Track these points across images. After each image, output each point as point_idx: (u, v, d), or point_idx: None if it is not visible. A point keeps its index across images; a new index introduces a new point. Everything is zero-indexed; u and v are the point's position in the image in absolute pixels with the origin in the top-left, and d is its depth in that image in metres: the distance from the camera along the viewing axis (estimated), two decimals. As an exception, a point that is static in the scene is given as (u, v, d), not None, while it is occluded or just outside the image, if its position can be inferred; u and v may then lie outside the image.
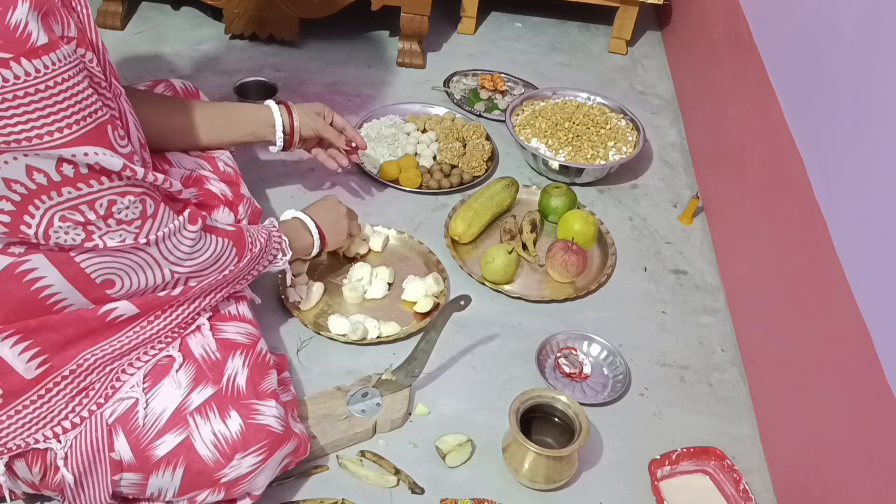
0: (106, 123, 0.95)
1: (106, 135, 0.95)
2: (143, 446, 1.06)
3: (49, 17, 0.88)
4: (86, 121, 0.92)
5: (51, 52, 0.87)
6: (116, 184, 0.98)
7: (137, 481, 1.08)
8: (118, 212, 0.99)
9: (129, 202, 1.00)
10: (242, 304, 1.28)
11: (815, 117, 1.32)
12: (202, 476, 1.08)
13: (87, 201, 0.96)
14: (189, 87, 1.49)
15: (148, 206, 1.03)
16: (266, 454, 1.10)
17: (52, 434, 1.06)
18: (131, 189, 1.00)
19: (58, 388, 1.06)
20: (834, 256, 1.18)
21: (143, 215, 1.02)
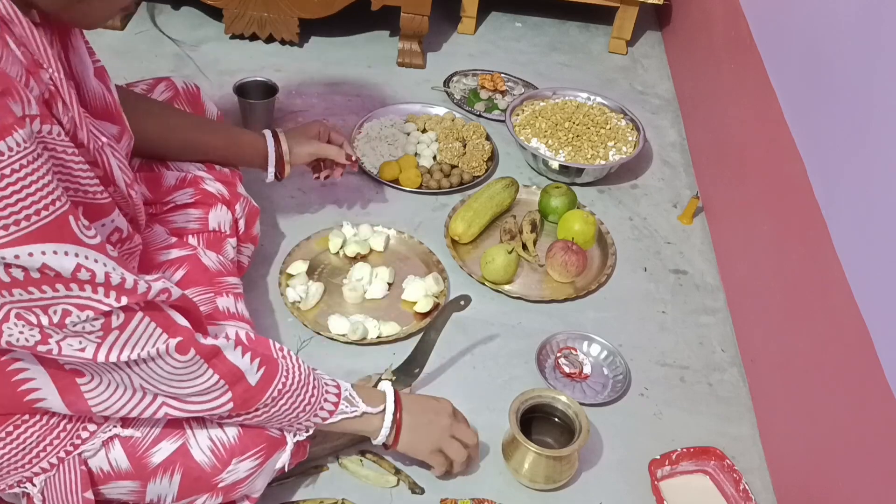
0: (66, 214, 0.85)
1: (67, 226, 0.85)
2: (140, 454, 1.06)
3: (5, 97, 0.80)
4: (39, 215, 0.83)
5: (2, 139, 0.79)
6: (74, 293, 0.87)
7: (136, 489, 1.07)
8: (72, 324, 0.88)
9: (86, 317, 0.88)
10: (240, 301, 1.27)
11: (815, 117, 1.32)
12: (200, 482, 1.08)
13: (40, 306, 0.87)
14: (190, 85, 1.48)
15: (114, 318, 0.90)
16: (263, 458, 1.10)
17: (26, 478, 1.04)
18: (94, 304, 0.88)
19: (26, 424, 1.02)
20: (834, 256, 1.18)
21: (107, 327, 0.90)
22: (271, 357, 1.05)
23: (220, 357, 0.99)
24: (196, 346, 0.97)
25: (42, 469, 1.04)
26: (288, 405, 1.06)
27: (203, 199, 1.33)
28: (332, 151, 1.49)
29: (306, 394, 1.08)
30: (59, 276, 0.85)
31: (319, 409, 1.10)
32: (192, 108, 1.47)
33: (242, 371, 1.01)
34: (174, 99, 1.44)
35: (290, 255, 1.54)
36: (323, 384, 1.11)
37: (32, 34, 0.89)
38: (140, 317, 0.92)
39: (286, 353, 1.10)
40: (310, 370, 1.10)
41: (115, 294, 0.89)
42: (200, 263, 1.27)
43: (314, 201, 1.70)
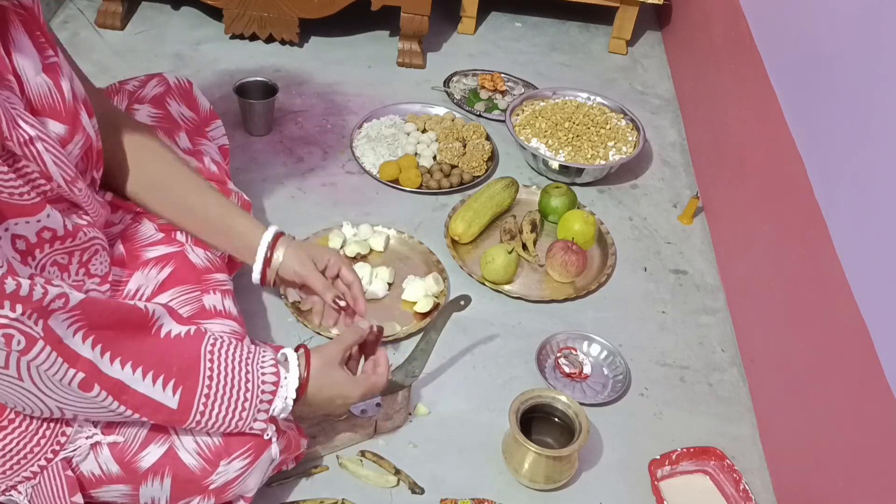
0: None
1: None
2: (128, 459, 1.05)
3: None
4: None
5: None
6: None
7: (129, 492, 1.07)
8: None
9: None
10: (227, 298, 1.24)
11: (815, 117, 1.32)
12: (191, 484, 1.07)
13: None
14: (183, 81, 1.46)
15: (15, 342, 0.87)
16: (252, 457, 1.08)
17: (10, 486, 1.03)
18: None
19: (4, 431, 1.01)
20: (834, 256, 1.18)
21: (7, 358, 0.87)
22: (192, 369, 1.01)
23: (129, 392, 0.96)
24: (99, 381, 0.94)
25: (25, 477, 1.03)
26: (223, 409, 1.03)
27: None
28: (318, 285, 1.25)
29: (240, 392, 1.03)
30: None
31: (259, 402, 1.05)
32: (185, 103, 1.45)
33: (156, 400, 0.99)
34: (166, 94, 1.42)
35: (290, 255, 1.54)
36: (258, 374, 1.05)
37: None
38: (41, 346, 0.89)
39: (216, 352, 1.03)
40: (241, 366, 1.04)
41: (8, 303, 0.86)
42: (188, 261, 1.24)
43: (314, 201, 1.70)
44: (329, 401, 1.13)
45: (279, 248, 1.25)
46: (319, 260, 1.27)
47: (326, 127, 1.89)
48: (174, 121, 1.42)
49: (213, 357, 1.03)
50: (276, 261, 1.25)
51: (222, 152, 1.50)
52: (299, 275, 1.26)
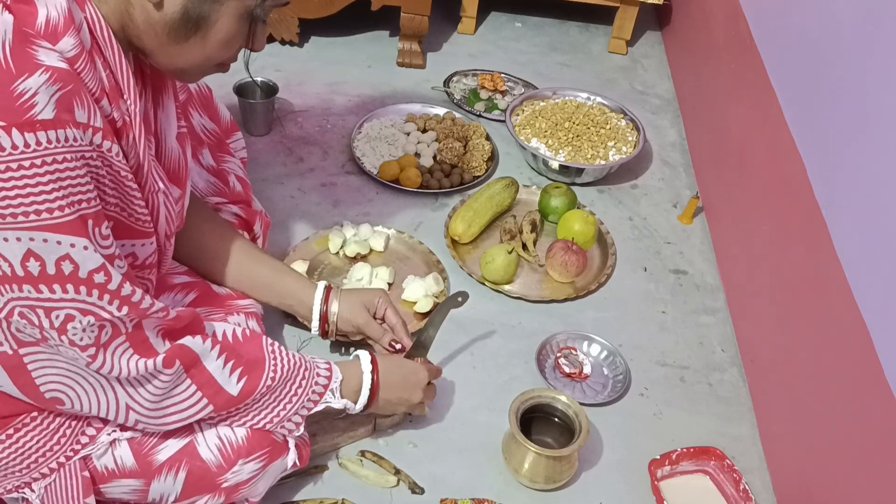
0: (88, 217, 0.87)
1: (85, 227, 0.87)
2: (146, 451, 1.06)
3: (72, 97, 0.84)
4: (65, 210, 0.84)
5: (51, 129, 0.82)
6: (81, 297, 0.88)
7: (139, 487, 1.07)
8: (72, 330, 0.89)
9: (86, 324, 0.89)
10: (252, 319, 1.28)
11: (815, 117, 1.32)
12: (204, 480, 1.08)
13: (45, 307, 0.87)
14: (203, 88, 1.48)
15: (104, 334, 0.92)
16: (266, 461, 1.10)
17: (24, 483, 1.04)
18: (96, 310, 0.89)
19: (26, 428, 1.03)
20: (834, 256, 1.18)
21: (97, 342, 0.91)
22: (258, 362, 1.06)
23: (199, 367, 1.01)
24: (180, 354, 0.98)
25: (42, 474, 1.04)
26: (271, 401, 1.08)
27: None
28: (375, 333, 1.32)
29: (293, 391, 1.09)
30: (76, 272, 0.87)
31: (304, 404, 1.11)
32: (206, 112, 1.47)
33: (220, 384, 1.02)
34: (188, 102, 1.44)
35: (291, 255, 1.54)
36: (314, 375, 1.11)
37: (121, 63, 0.93)
38: (121, 339, 0.94)
39: (276, 350, 1.09)
40: (298, 365, 1.10)
41: (118, 303, 0.91)
42: (210, 289, 1.28)
43: (314, 201, 1.70)
44: (403, 382, 1.20)
45: (332, 303, 1.31)
46: (370, 306, 1.33)
47: (326, 127, 1.89)
48: (197, 136, 1.44)
49: (276, 353, 1.08)
50: (332, 314, 1.31)
51: (242, 164, 1.53)
52: (357, 326, 1.32)
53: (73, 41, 0.86)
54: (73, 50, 0.86)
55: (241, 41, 0.99)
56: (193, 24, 0.93)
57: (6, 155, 0.80)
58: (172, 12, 0.91)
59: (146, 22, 0.92)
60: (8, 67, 0.80)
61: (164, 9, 0.91)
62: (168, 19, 0.92)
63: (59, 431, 1.03)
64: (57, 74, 0.82)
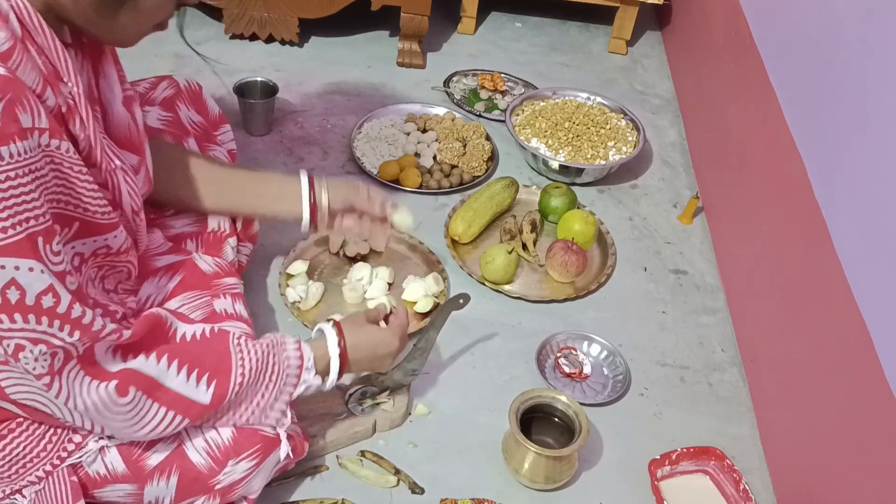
0: (37, 234, 0.84)
1: (32, 247, 0.84)
2: (136, 457, 1.05)
3: (15, 104, 0.80)
4: (15, 229, 0.82)
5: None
6: (31, 326, 0.85)
7: (133, 491, 1.07)
8: (24, 360, 0.87)
9: (38, 353, 0.87)
10: (238, 301, 1.27)
11: (815, 117, 1.32)
12: (197, 483, 1.07)
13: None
14: (192, 84, 1.47)
15: (56, 360, 0.89)
16: (259, 458, 1.10)
17: (14, 490, 1.04)
18: (47, 338, 0.87)
19: (12, 435, 1.02)
20: (834, 256, 1.18)
21: (51, 370, 0.89)
22: (223, 362, 1.03)
23: (162, 389, 0.98)
24: (135, 382, 0.96)
25: (30, 482, 1.03)
26: (253, 398, 1.06)
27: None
28: (364, 203, 1.36)
29: (269, 377, 1.07)
30: (22, 299, 0.84)
31: (282, 390, 1.09)
32: (195, 106, 1.46)
33: (188, 397, 1.00)
34: (176, 97, 1.44)
35: (291, 255, 1.54)
36: (284, 360, 1.09)
37: (55, 46, 0.90)
38: (73, 364, 0.91)
39: (243, 345, 1.06)
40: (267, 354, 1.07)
41: (68, 328, 0.88)
42: (196, 269, 1.26)
43: (314, 201, 1.69)
44: (371, 354, 1.18)
45: (319, 187, 1.33)
46: (354, 184, 1.38)
47: (326, 127, 1.89)
48: (183, 126, 1.43)
49: (242, 349, 1.05)
50: (321, 196, 1.32)
51: (230, 156, 1.52)
52: (345, 197, 1.35)
53: (4, 34, 0.83)
54: (6, 44, 0.83)
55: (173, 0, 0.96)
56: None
57: None
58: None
59: (73, 2, 0.89)
60: None
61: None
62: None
63: (45, 438, 1.03)
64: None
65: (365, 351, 1.17)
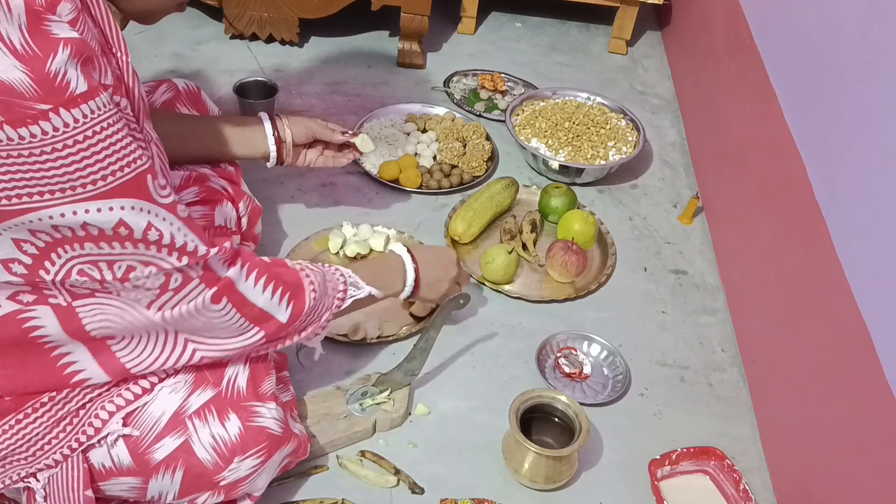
0: (145, 173, 0.91)
1: (144, 185, 0.90)
2: (142, 450, 1.06)
3: (89, 63, 0.86)
4: (122, 171, 0.88)
5: (90, 99, 0.85)
6: (141, 251, 0.92)
7: (137, 485, 1.07)
8: (135, 279, 0.93)
9: (149, 273, 0.94)
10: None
11: (815, 117, 1.32)
12: (202, 479, 1.08)
13: (108, 261, 0.92)
14: (191, 86, 1.48)
15: (173, 280, 0.96)
16: (265, 456, 1.10)
17: (30, 473, 1.04)
18: (158, 262, 0.94)
19: (35, 415, 1.03)
20: (834, 256, 1.18)
21: (164, 287, 0.96)
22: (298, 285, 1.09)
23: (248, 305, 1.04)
24: (229, 295, 1.01)
25: (47, 465, 1.04)
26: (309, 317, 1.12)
27: (208, 196, 1.34)
28: (326, 133, 1.47)
29: (324, 300, 1.14)
30: (131, 234, 0.90)
31: (332, 304, 1.16)
32: (194, 108, 1.47)
33: (270, 313, 1.06)
34: (175, 99, 1.44)
35: (291, 255, 1.54)
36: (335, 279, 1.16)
37: (108, 18, 0.95)
38: (195, 283, 0.97)
39: (306, 269, 1.13)
40: (323, 275, 1.14)
41: (176, 255, 0.94)
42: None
43: (314, 201, 1.70)
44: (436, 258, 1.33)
45: (282, 124, 1.43)
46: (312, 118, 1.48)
47: (326, 127, 1.89)
48: None
49: (306, 271, 1.12)
50: (285, 131, 1.43)
51: None
52: (311, 129, 1.45)
53: (70, 5, 0.86)
54: (71, 13, 0.86)
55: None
56: None
57: (60, 134, 0.83)
58: None
59: None
60: (34, 52, 0.82)
61: None
62: None
63: (65, 419, 1.04)
64: (76, 46, 0.84)
65: (433, 272, 1.30)
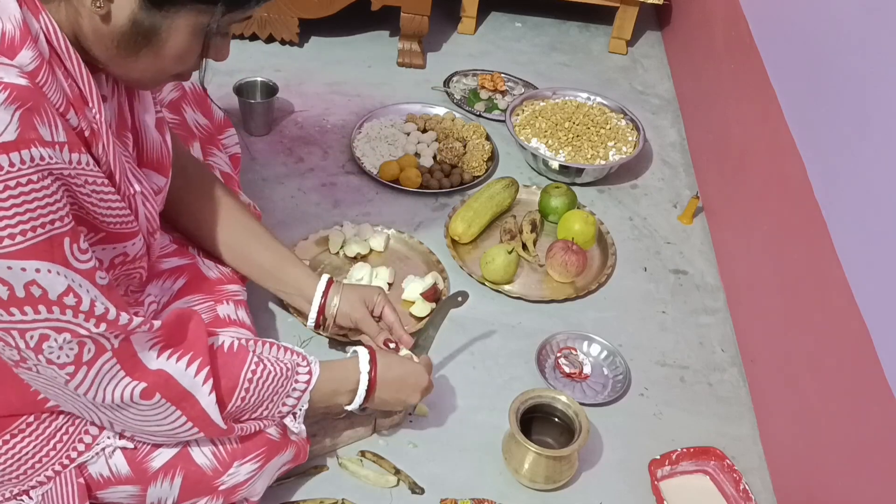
0: (62, 236, 0.85)
1: (60, 248, 0.85)
2: (140, 459, 1.06)
3: (32, 113, 0.80)
4: (35, 231, 0.82)
5: (14, 151, 0.79)
6: (55, 316, 0.86)
7: (136, 493, 1.07)
8: (48, 350, 0.87)
9: (63, 341, 0.87)
10: (241, 308, 1.28)
11: (815, 117, 1.32)
12: (201, 484, 1.08)
13: (19, 329, 0.86)
14: (198, 87, 1.48)
15: (86, 351, 0.90)
16: (263, 461, 1.10)
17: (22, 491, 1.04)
18: (73, 328, 0.87)
19: (22, 434, 1.03)
20: (834, 256, 1.18)
21: (78, 360, 0.90)
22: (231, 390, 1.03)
23: (191, 401, 0.99)
24: (165, 391, 0.96)
25: (39, 482, 1.03)
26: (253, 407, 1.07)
27: None
28: (371, 330, 1.30)
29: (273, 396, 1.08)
30: (45, 295, 0.85)
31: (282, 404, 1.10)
32: (200, 109, 1.47)
33: (210, 416, 1.01)
34: (181, 99, 1.44)
35: (290, 255, 1.54)
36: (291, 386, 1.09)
37: (81, 72, 0.90)
38: (108, 356, 0.92)
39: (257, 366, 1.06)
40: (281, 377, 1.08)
41: (94, 321, 0.89)
42: (200, 273, 1.27)
43: (314, 201, 1.70)
44: (401, 380, 1.18)
45: (333, 295, 1.30)
46: (370, 302, 1.31)
47: (326, 127, 1.89)
48: (189, 129, 1.43)
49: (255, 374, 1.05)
50: (332, 307, 1.29)
51: (234, 161, 1.53)
52: (355, 321, 1.30)
53: (32, 53, 0.83)
54: (33, 63, 0.83)
55: (196, 54, 0.95)
56: (143, 38, 0.88)
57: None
58: (121, 25, 0.87)
59: (95, 34, 0.88)
60: None
61: (112, 22, 0.87)
62: (116, 32, 0.88)
63: (55, 437, 1.03)
64: (16, 92, 0.79)
65: (391, 393, 1.18)
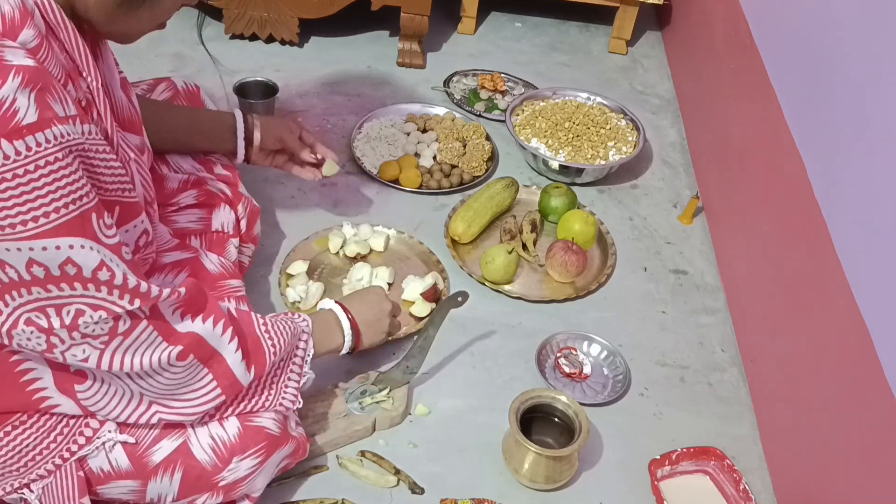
0: (90, 211, 0.87)
1: (89, 223, 0.87)
2: (140, 453, 1.06)
3: (45, 93, 0.82)
4: (67, 208, 0.84)
5: (37, 131, 0.81)
6: (91, 293, 0.88)
7: (136, 488, 1.07)
8: (83, 325, 0.90)
9: (98, 318, 0.90)
10: (242, 304, 1.27)
11: (815, 117, 1.32)
12: (201, 480, 1.08)
13: (56, 305, 0.88)
14: (190, 85, 1.48)
15: (121, 323, 0.92)
16: (263, 456, 1.10)
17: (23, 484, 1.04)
18: (108, 305, 0.90)
19: (23, 426, 1.03)
20: (834, 256, 1.18)
21: (113, 332, 0.92)
22: (258, 349, 1.08)
23: (218, 359, 1.02)
24: (195, 351, 0.99)
25: (39, 476, 1.04)
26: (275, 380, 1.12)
27: (206, 200, 1.34)
28: (295, 145, 1.45)
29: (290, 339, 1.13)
30: (80, 273, 0.87)
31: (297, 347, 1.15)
32: (192, 104, 1.47)
33: (236, 374, 1.04)
34: (174, 98, 1.44)
35: (291, 255, 1.54)
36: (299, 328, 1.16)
37: (76, 41, 0.93)
38: (144, 325, 0.94)
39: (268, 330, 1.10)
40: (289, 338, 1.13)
41: (128, 297, 0.91)
42: (202, 267, 1.27)
43: (314, 201, 1.70)
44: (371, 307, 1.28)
45: (254, 123, 1.43)
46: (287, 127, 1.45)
47: (326, 127, 1.89)
48: None
49: (270, 333, 1.10)
50: (255, 133, 1.42)
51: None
52: (283, 140, 1.44)
53: (32, 32, 0.85)
54: (34, 41, 0.85)
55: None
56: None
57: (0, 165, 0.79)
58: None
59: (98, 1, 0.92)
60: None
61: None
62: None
63: (55, 429, 1.03)
64: (28, 74, 0.81)
65: (357, 300, 1.28)
